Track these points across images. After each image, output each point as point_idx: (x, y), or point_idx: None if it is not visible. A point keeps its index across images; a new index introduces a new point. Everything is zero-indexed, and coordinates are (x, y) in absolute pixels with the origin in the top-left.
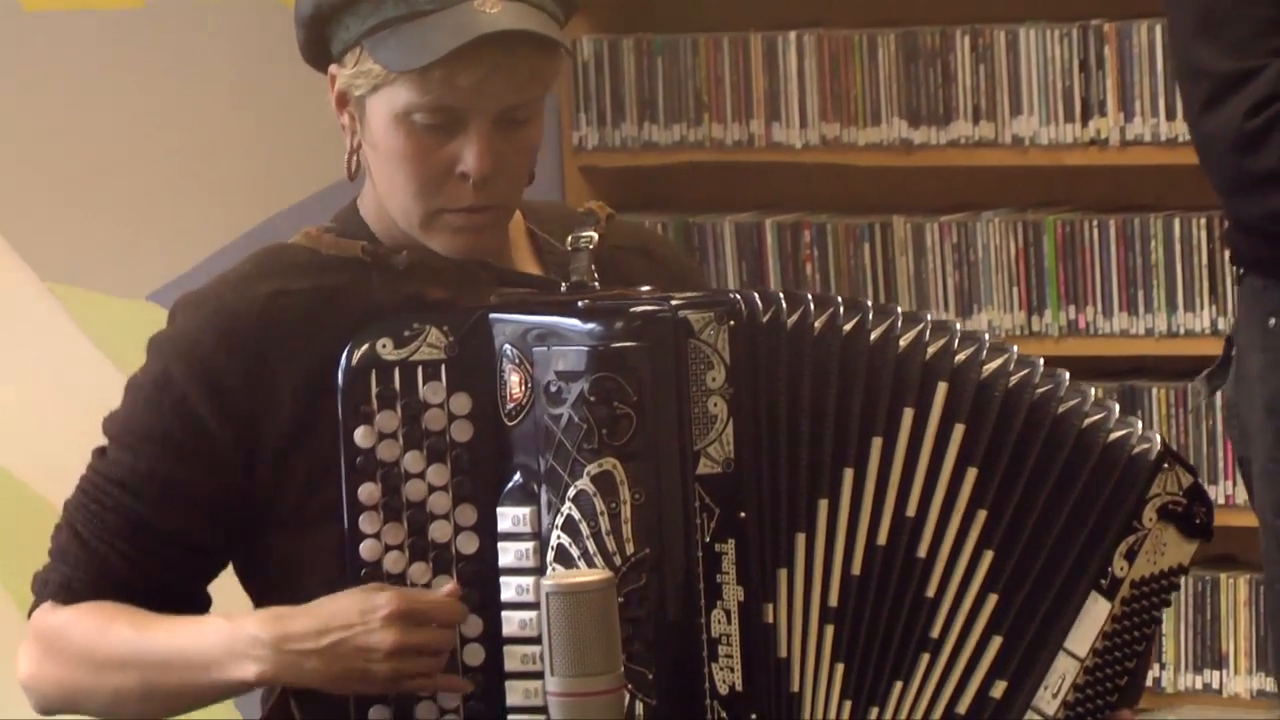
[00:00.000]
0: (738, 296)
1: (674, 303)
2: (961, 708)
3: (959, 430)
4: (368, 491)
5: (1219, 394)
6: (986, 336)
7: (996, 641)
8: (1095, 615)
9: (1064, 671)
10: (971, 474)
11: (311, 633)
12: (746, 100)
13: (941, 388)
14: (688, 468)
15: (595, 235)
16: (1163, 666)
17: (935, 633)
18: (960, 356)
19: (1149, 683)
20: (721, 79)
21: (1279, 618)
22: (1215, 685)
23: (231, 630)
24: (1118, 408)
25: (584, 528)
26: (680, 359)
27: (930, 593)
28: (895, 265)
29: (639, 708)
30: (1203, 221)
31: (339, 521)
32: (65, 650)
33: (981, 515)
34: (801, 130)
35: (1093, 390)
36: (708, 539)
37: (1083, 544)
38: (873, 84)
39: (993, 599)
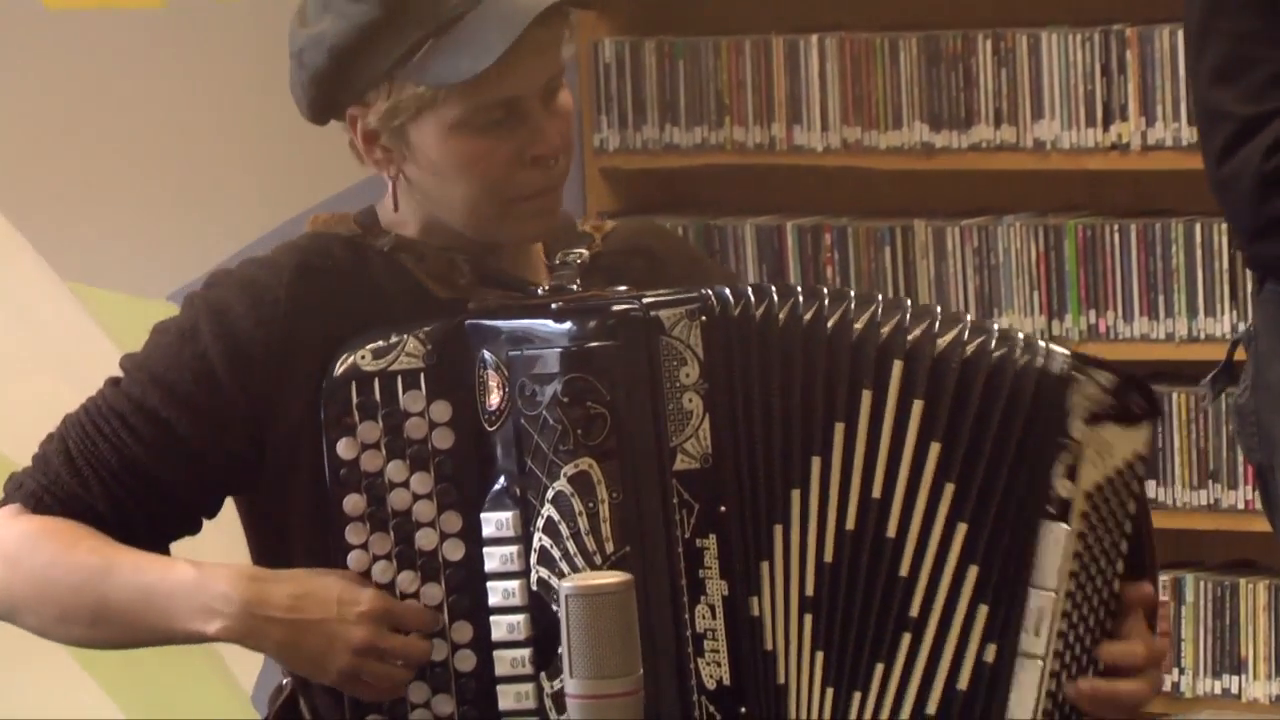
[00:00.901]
0: (709, 292)
1: (646, 301)
2: (962, 683)
3: (918, 407)
4: (352, 503)
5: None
6: (938, 309)
7: (984, 610)
8: (1055, 542)
9: (1040, 607)
10: (935, 449)
11: (284, 604)
12: (768, 103)
13: (897, 366)
14: (665, 464)
15: (586, 252)
16: (1181, 671)
17: (914, 611)
18: (914, 333)
19: (1167, 687)
20: (743, 82)
21: None
22: (1234, 690)
23: (199, 580)
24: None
25: (564, 529)
26: (653, 356)
27: (904, 572)
28: (916, 269)
29: None
30: (1224, 227)
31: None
32: (22, 559)
33: (949, 489)
34: (823, 133)
35: (1042, 342)
36: (688, 535)
37: (1024, 482)
38: (894, 87)
39: (974, 571)
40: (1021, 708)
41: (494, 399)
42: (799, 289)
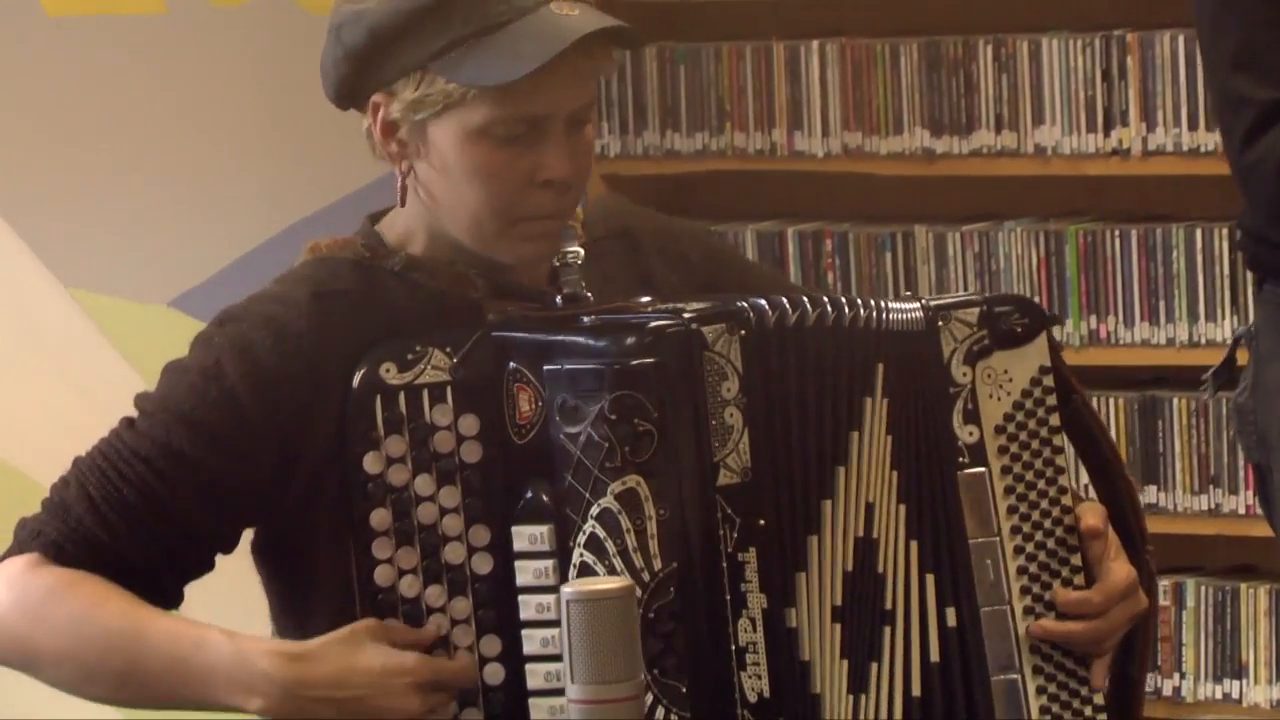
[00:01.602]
0: (745, 305)
1: (685, 315)
2: (934, 655)
3: (885, 404)
4: (379, 517)
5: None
6: (891, 302)
7: (931, 579)
8: (977, 488)
9: (987, 557)
10: (888, 441)
11: (328, 683)
12: (769, 109)
13: (879, 370)
14: (708, 480)
15: (581, 250)
16: (1182, 676)
17: (888, 604)
18: (884, 328)
19: (1168, 692)
20: (744, 88)
21: None
22: (1235, 695)
23: (237, 657)
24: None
25: (610, 545)
26: (696, 372)
27: (880, 569)
28: (917, 274)
29: None
30: (1224, 232)
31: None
32: (46, 614)
33: (895, 476)
34: (824, 139)
35: (893, 302)
36: (730, 549)
37: (931, 441)
38: (895, 93)
39: (915, 546)
40: (1003, 657)
41: (524, 411)
42: (826, 298)
